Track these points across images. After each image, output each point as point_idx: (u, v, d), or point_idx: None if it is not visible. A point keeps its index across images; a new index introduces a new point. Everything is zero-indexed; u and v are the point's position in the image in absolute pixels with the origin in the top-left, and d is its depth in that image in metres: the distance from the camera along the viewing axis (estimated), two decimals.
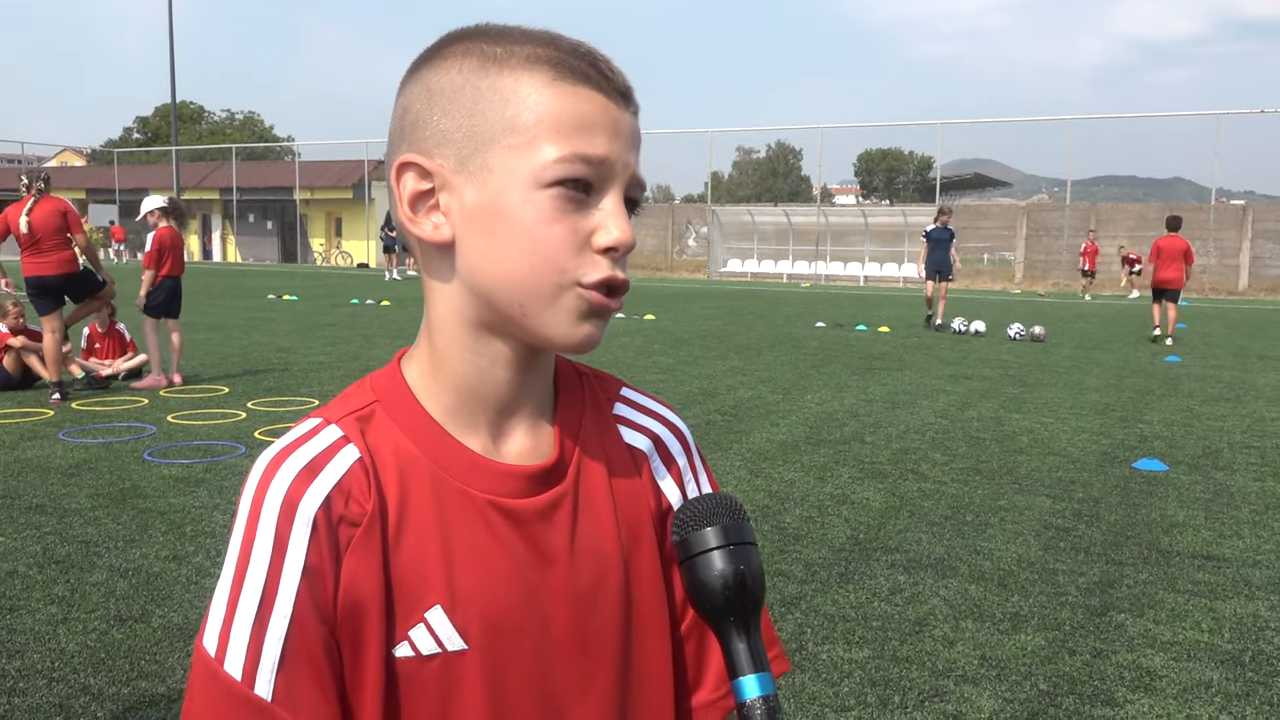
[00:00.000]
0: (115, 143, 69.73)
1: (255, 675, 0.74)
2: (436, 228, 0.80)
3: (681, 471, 0.95)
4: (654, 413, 0.96)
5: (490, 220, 0.78)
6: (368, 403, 0.84)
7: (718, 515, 0.86)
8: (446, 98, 0.79)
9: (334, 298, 22.03)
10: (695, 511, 0.87)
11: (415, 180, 0.80)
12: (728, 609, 0.83)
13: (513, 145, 0.77)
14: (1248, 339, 15.86)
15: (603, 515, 0.88)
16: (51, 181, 8.85)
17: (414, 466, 0.81)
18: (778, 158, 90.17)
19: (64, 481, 5.85)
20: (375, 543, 0.78)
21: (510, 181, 0.78)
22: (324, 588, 0.76)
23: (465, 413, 0.84)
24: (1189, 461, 6.82)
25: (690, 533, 0.86)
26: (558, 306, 0.79)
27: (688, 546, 0.86)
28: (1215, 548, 4.94)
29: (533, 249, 0.78)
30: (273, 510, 0.76)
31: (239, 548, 0.77)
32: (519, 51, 0.79)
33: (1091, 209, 35.49)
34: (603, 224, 0.78)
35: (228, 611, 0.75)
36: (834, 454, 6.86)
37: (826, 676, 3.44)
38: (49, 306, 8.47)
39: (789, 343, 14.07)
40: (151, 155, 59.05)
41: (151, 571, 4.35)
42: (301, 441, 0.80)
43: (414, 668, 0.79)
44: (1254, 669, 3.58)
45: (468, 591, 0.80)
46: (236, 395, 8.90)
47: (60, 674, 3.37)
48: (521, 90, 0.77)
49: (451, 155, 0.79)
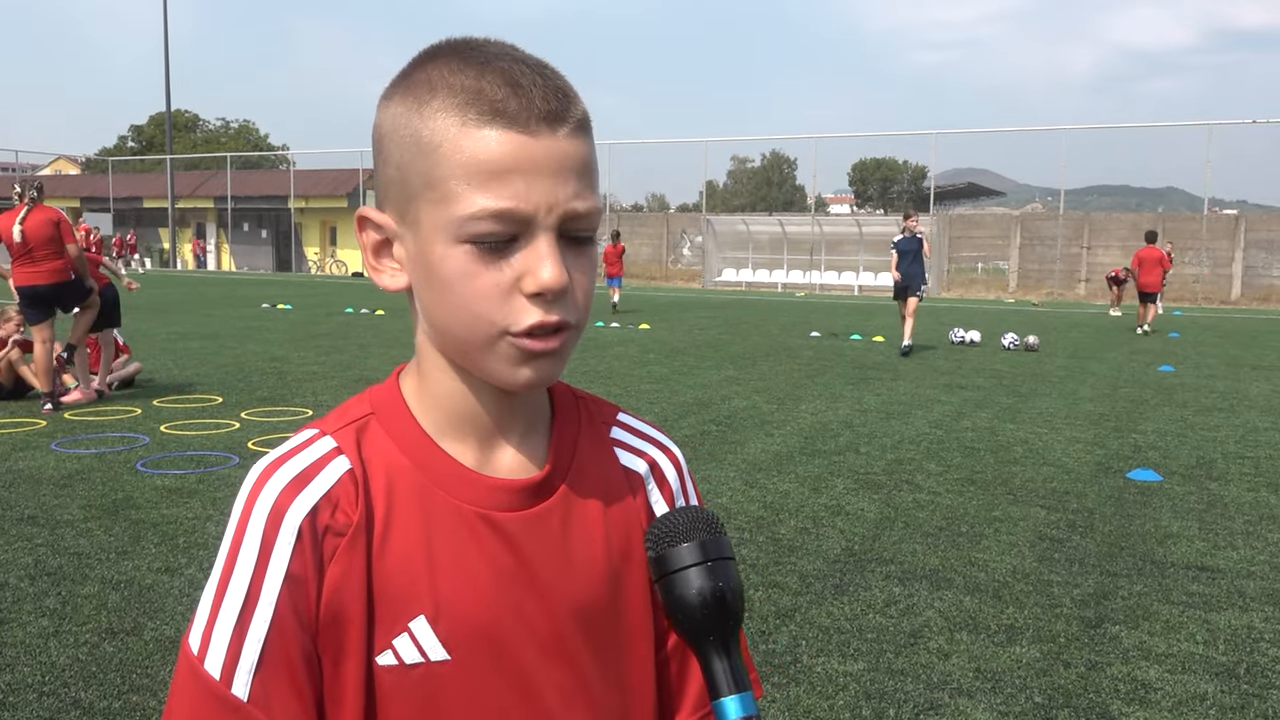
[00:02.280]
0: (110, 151, 69.69)
1: (233, 675, 0.76)
2: (393, 274, 0.83)
3: (674, 496, 0.96)
4: (651, 438, 0.97)
5: (425, 273, 0.80)
6: (364, 415, 0.85)
7: (695, 530, 0.84)
8: (384, 147, 0.81)
9: (328, 307, 22.02)
10: (671, 526, 0.85)
11: (372, 232, 0.83)
12: (707, 627, 0.81)
13: (431, 200, 0.77)
14: (1241, 348, 15.90)
15: (593, 532, 0.88)
16: (45, 190, 8.84)
17: (404, 478, 0.83)
18: (772, 167, 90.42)
19: (56, 492, 5.82)
20: (360, 552, 0.80)
21: (433, 235, 0.78)
22: (306, 595, 0.78)
23: (455, 428, 0.85)
24: (1183, 472, 6.83)
25: (666, 549, 0.83)
26: (494, 354, 0.79)
27: (664, 563, 0.83)
28: (1209, 559, 4.94)
29: (459, 304, 0.78)
30: (260, 518, 0.78)
31: (226, 552, 0.79)
32: (442, 86, 0.77)
33: (1085, 218, 35.60)
34: (529, 269, 0.76)
35: (211, 613, 0.78)
36: (829, 464, 6.86)
37: (821, 689, 3.43)
38: (40, 316, 8.44)
39: (784, 352, 14.07)
40: (146, 164, 59.05)
41: (144, 584, 4.33)
42: (294, 452, 0.82)
43: (397, 677, 0.80)
44: (1249, 681, 3.58)
45: (452, 602, 0.81)
46: (230, 405, 8.88)
47: (51, 687, 3.35)
48: (435, 139, 0.77)
49: (393, 207, 0.81)
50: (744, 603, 0.83)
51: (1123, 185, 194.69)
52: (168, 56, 44.87)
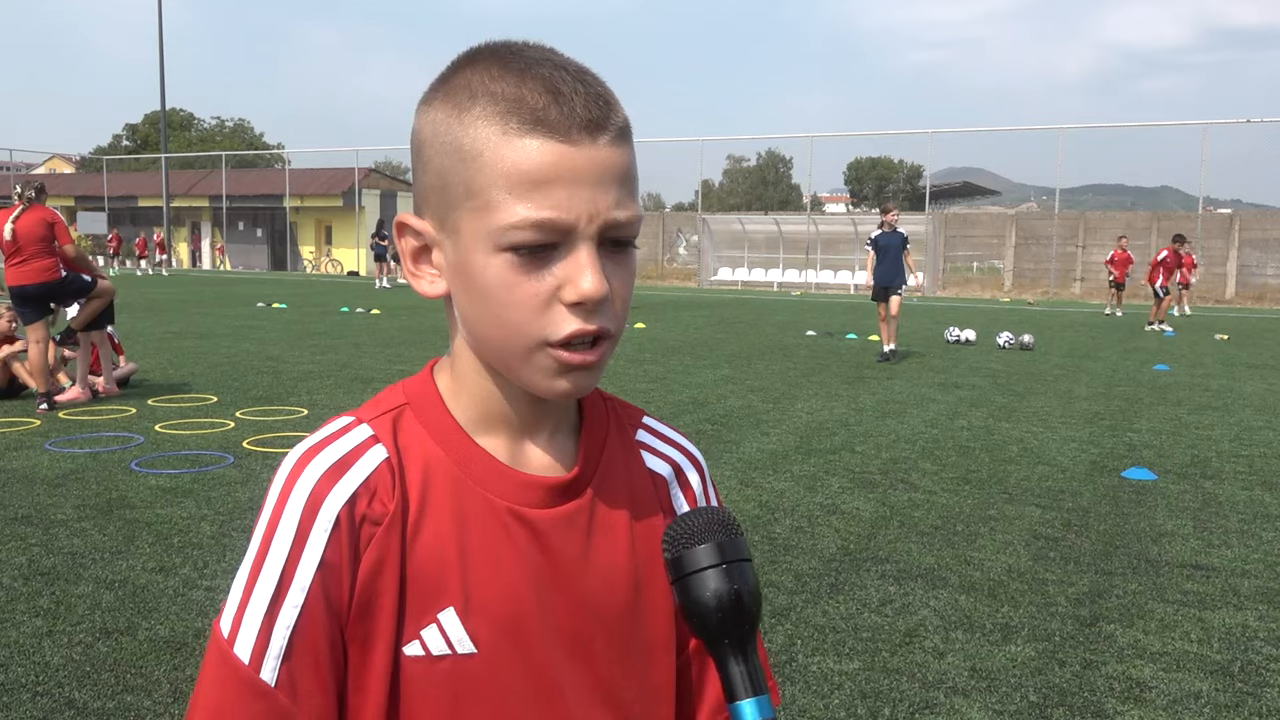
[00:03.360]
0: (104, 150, 69.50)
1: (262, 661, 0.77)
2: (432, 281, 0.83)
3: (697, 498, 0.97)
4: (675, 442, 0.99)
5: (465, 280, 0.80)
6: (398, 404, 0.86)
7: (711, 531, 0.83)
8: (423, 153, 0.82)
9: (324, 306, 21.98)
10: (687, 527, 0.84)
11: (411, 239, 0.84)
12: (723, 630, 0.81)
13: (471, 208, 0.78)
14: (1235, 347, 15.93)
15: (619, 533, 0.89)
16: (45, 191, 8.81)
17: (438, 469, 0.83)
18: (768, 166, 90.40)
19: (50, 492, 5.80)
20: (395, 541, 0.80)
21: (473, 244, 0.78)
22: (339, 583, 0.79)
23: (488, 425, 0.86)
24: (1178, 470, 6.84)
25: (683, 550, 0.83)
26: (531, 365, 0.80)
27: (680, 565, 0.83)
28: (1204, 557, 4.95)
29: (499, 313, 0.79)
30: (297, 505, 0.79)
31: (261, 538, 0.79)
32: (483, 93, 0.78)
33: (1080, 217, 35.66)
34: (570, 278, 0.77)
35: (243, 598, 0.79)
36: (824, 463, 6.86)
37: (816, 689, 3.43)
38: (33, 316, 8.42)
39: (779, 351, 14.08)
40: (141, 162, 58.89)
41: (138, 584, 4.31)
42: (332, 439, 0.82)
43: (424, 668, 0.81)
44: (1243, 679, 3.59)
45: (482, 595, 0.82)
46: (225, 404, 8.86)
47: (45, 688, 3.34)
48: (476, 147, 0.77)
49: (432, 214, 0.82)
50: (761, 605, 0.83)
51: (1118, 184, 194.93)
52: (162, 55, 44.78)
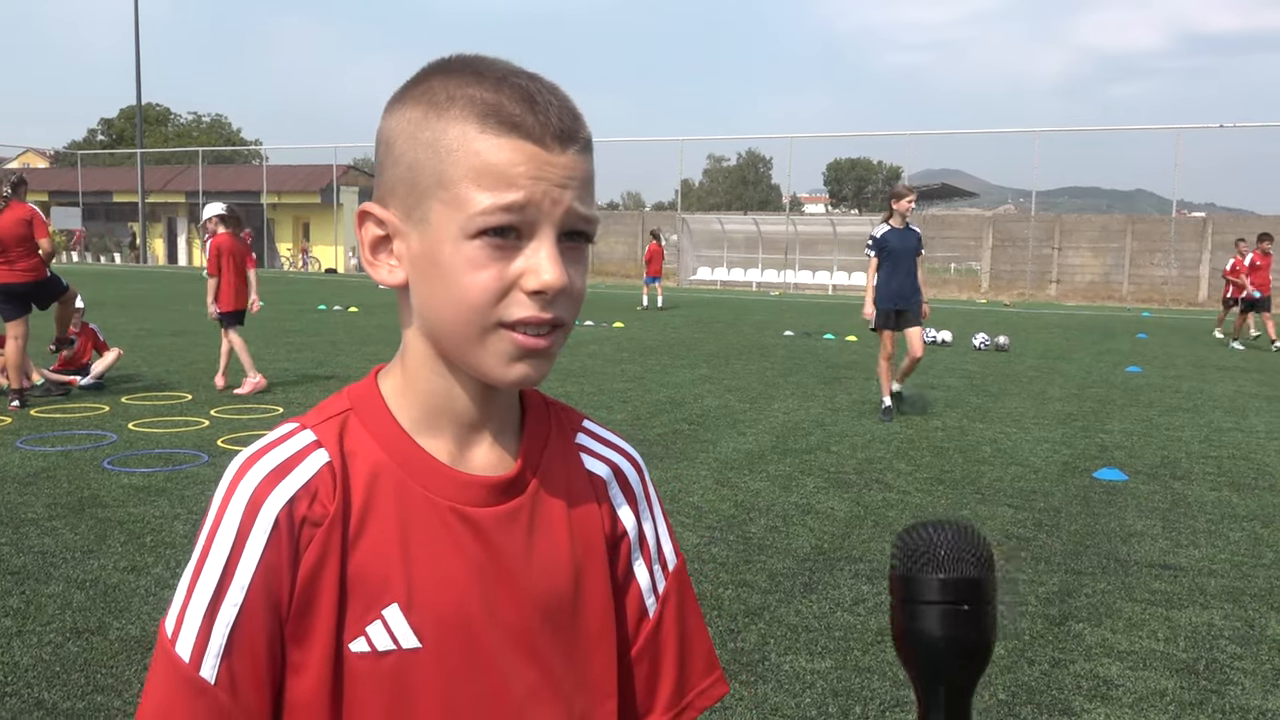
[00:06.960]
0: (79, 144, 68.70)
1: (203, 658, 0.80)
2: (391, 270, 0.86)
3: (638, 501, 0.99)
4: (614, 444, 1.01)
5: (429, 268, 0.83)
6: (343, 410, 0.89)
7: (962, 562, 0.73)
8: (394, 150, 0.84)
9: (301, 304, 21.85)
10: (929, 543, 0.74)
11: (373, 227, 0.86)
12: (940, 673, 0.73)
13: (443, 200, 0.81)
14: (1207, 350, 16.12)
15: (558, 531, 0.91)
16: (26, 183, 8.73)
17: (381, 471, 0.86)
18: (748, 166, 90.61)
19: (20, 490, 5.75)
20: (336, 542, 0.83)
21: (443, 233, 0.81)
22: (279, 582, 0.81)
23: (432, 425, 0.89)
24: (1148, 471, 6.92)
25: (921, 572, 0.73)
26: (486, 349, 0.83)
27: (914, 587, 0.73)
28: (1172, 557, 5.02)
29: (459, 296, 0.81)
30: (238, 508, 0.82)
31: (204, 540, 0.82)
32: (460, 97, 0.81)
33: (1056, 220, 35.95)
34: (532, 267, 0.81)
35: (185, 598, 0.81)
36: (800, 463, 6.90)
37: (789, 687, 3.46)
38: (14, 313, 8.37)
39: (757, 351, 14.12)
40: (116, 158, 58.29)
41: (109, 583, 4.29)
42: (275, 444, 0.85)
43: (369, 663, 0.83)
44: (1207, 677, 3.64)
45: (425, 591, 0.84)
46: (199, 402, 8.80)
47: (13, 688, 3.31)
48: (451, 144, 0.81)
49: (399, 205, 0.84)
50: (990, 653, 0.74)
51: (1093, 187, 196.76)
52: (138, 49, 44.37)
